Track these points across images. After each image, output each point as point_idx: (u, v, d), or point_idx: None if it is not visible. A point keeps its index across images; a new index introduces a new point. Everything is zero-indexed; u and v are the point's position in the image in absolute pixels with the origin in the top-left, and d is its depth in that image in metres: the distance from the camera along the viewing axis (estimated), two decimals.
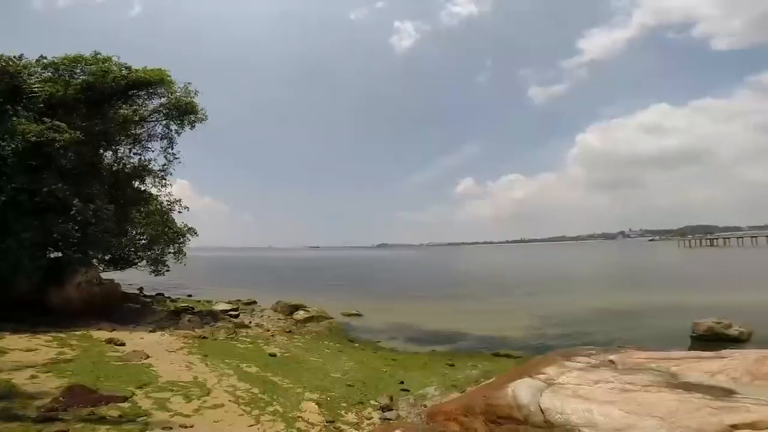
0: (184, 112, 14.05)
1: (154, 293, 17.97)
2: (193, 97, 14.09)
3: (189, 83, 14.13)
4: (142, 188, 14.87)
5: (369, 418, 5.61)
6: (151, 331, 10.06)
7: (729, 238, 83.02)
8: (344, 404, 6.07)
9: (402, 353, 10.44)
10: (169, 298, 17.65)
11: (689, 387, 3.55)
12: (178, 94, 13.92)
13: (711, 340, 9.65)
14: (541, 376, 4.27)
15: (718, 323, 10.34)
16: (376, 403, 6.12)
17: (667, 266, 39.96)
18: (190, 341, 9.21)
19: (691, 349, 5.25)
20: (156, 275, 15.01)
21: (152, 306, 14.43)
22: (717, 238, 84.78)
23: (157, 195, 15.14)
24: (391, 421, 5.47)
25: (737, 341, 9.49)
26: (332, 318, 14.81)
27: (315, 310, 15.12)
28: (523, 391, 3.93)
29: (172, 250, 15.20)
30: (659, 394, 3.46)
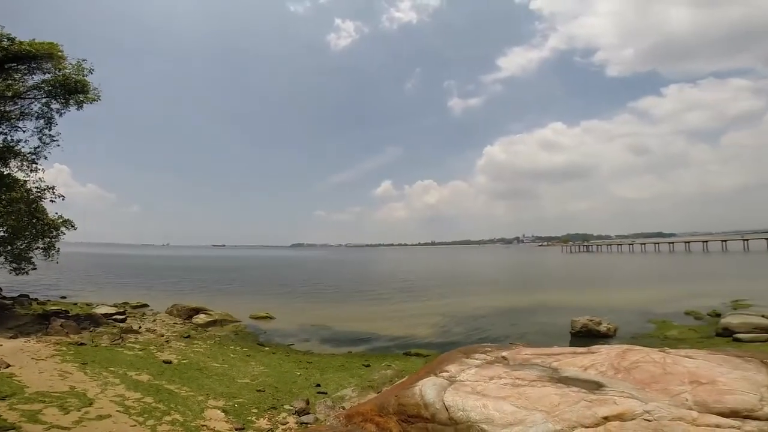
0: (72, 90, 12.05)
1: (16, 295, 14.95)
2: (86, 75, 12.16)
3: (84, 60, 12.15)
4: (4, 171, 12.24)
5: (284, 423, 5.29)
6: (11, 338, 8.40)
7: (601, 245, 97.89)
8: (255, 410, 5.66)
9: (317, 355, 10.16)
10: (35, 300, 14.82)
11: (567, 381, 3.87)
12: (67, 70, 11.94)
13: (586, 335, 11.02)
14: (444, 374, 4.38)
15: (590, 320, 11.60)
16: (291, 408, 5.82)
17: (551, 269, 45.37)
18: (63, 348, 7.85)
19: (571, 344, 5.94)
20: (18, 274, 12.44)
21: (13, 309, 11.97)
22: (592, 245, 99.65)
23: (24, 180, 12.58)
24: (308, 425, 5.23)
25: (606, 336, 10.98)
26: (239, 321, 13.87)
27: (218, 314, 14.01)
28: (428, 389, 4.03)
29: (41, 245, 12.73)
30: (544, 388, 3.73)
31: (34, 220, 12.48)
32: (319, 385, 7.18)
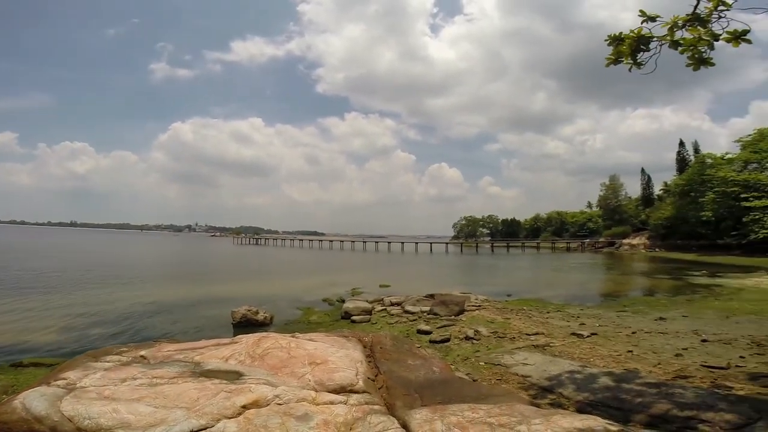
0: None
1: None
2: None
3: None
4: None
5: None
6: None
7: (269, 239, 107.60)
8: None
9: None
10: None
11: (209, 374, 3.87)
12: None
13: (246, 325, 11.34)
14: (60, 382, 3.72)
15: (249, 310, 11.96)
16: None
17: (220, 259, 45.26)
18: None
19: (235, 334, 5.88)
20: None
21: None
22: (261, 238, 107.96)
23: None
24: None
25: (264, 325, 11.69)
26: None
27: None
28: (35, 401, 3.22)
29: None
30: (184, 384, 3.58)
31: None
32: None
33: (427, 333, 9.48)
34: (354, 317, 11.80)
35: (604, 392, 4.87)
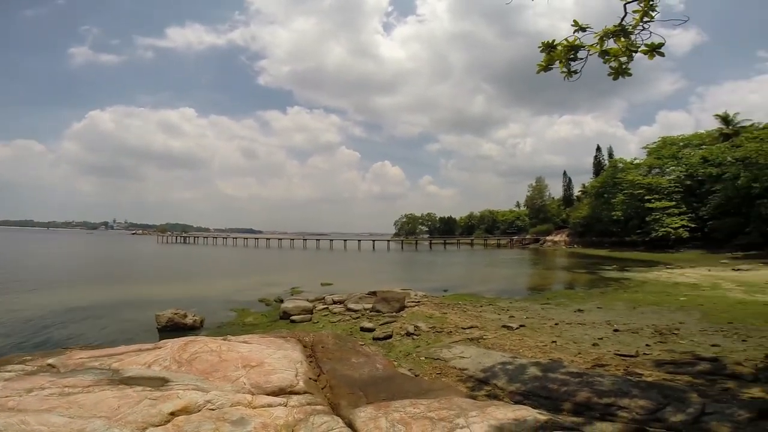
0: None
1: None
2: None
3: None
4: None
5: None
6: None
7: (198, 236, 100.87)
8: None
9: None
10: None
11: (130, 381, 3.62)
12: None
13: (174, 330, 10.51)
14: None
15: (176, 313, 11.22)
16: None
17: (142, 259, 41.80)
18: None
19: (161, 339, 5.43)
20: None
21: None
22: (190, 236, 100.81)
23: None
24: None
25: (193, 328, 10.95)
26: None
27: None
28: None
29: None
30: (102, 392, 3.32)
31: None
32: None
33: (371, 330, 9.51)
34: (294, 317, 11.47)
35: (534, 382, 5.21)
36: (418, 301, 13.29)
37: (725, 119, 48.08)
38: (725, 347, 7.44)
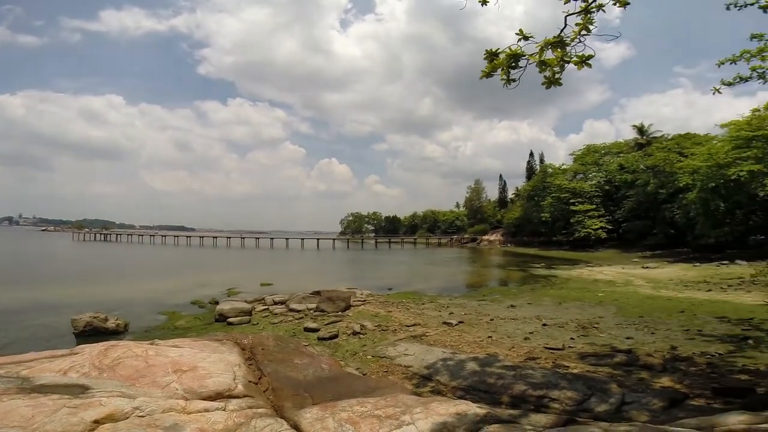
0: None
1: None
2: None
3: None
4: None
5: None
6: None
7: (122, 234, 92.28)
8: None
9: None
10: None
11: (44, 390, 3.34)
12: None
13: (93, 335, 9.55)
14: None
15: (95, 317, 10.30)
16: None
17: (56, 259, 37.58)
18: None
19: (78, 344, 4.94)
20: None
21: None
22: (111, 234, 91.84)
23: None
24: None
25: (116, 333, 9.99)
26: None
27: None
28: None
29: None
30: (11, 401, 3.05)
31: None
32: None
33: (315, 330, 9.34)
34: (231, 319, 10.91)
35: (473, 377, 5.45)
36: (364, 300, 13.32)
37: (641, 130, 53.68)
38: (638, 339, 8.33)
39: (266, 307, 12.75)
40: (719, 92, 5.56)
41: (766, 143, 24.23)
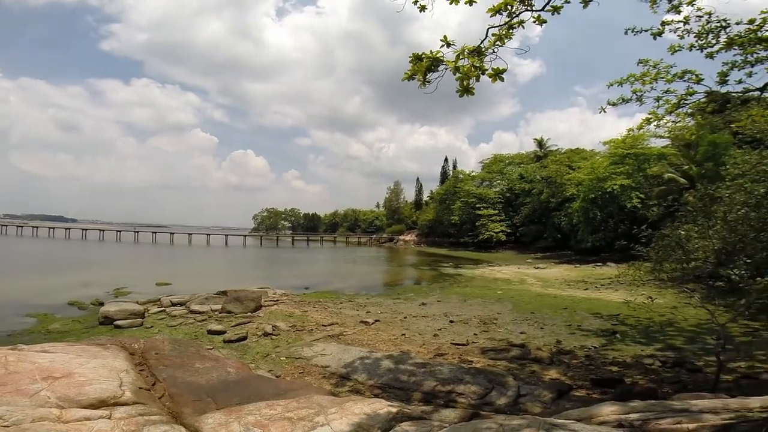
0: None
1: None
2: None
3: None
4: None
5: None
6: None
7: None
8: None
9: None
10: None
11: None
12: None
13: None
14: None
15: None
16: None
17: None
18: None
19: None
20: None
21: None
22: None
23: None
24: None
25: None
26: None
27: None
28: None
29: None
30: None
31: None
32: None
33: (221, 333, 8.68)
34: (119, 322, 9.65)
35: (388, 375, 5.54)
36: (277, 300, 12.76)
37: (540, 143, 60.17)
38: (530, 334, 9.26)
39: (162, 308, 11.50)
40: (605, 111, 6.26)
41: (635, 161, 29.12)
